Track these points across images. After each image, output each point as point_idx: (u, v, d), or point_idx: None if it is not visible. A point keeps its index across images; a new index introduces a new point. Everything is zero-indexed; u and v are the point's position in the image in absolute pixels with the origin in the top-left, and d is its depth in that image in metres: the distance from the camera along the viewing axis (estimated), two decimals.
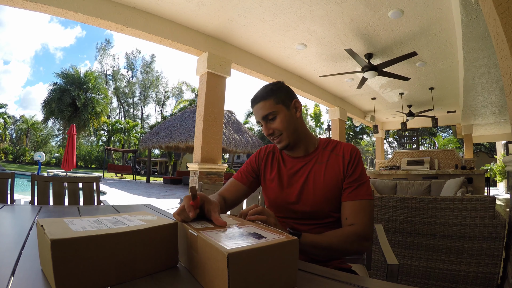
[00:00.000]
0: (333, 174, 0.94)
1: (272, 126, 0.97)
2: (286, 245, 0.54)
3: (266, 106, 0.96)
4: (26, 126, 29.60)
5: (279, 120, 0.96)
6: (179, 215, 0.68)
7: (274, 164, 1.06)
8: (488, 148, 20.62)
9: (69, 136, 9.13)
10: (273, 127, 0.97)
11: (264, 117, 0.97)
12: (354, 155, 0.96)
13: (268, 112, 0.96)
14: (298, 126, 1.00)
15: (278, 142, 0.99)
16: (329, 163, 0.97)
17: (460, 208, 1.69)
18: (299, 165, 1.00)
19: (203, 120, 4.21)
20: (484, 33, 2.90)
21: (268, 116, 0.96)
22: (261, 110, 0.97)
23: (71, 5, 3.07)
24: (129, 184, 13.20)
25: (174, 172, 21.77)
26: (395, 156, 9.00)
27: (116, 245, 0.54)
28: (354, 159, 0.95)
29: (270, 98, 0.96)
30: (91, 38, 75.94)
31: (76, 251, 0.49)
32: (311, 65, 5.31)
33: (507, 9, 1.16)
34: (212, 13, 3.67)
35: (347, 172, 0.94)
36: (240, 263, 0.47)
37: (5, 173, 2.01)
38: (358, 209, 0.89)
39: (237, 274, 0.47)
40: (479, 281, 1.60)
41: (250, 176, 1.09)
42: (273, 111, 0.95)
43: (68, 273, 0.47)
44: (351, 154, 0.96)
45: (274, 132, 0.97)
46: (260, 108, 0.97)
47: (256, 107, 0.99)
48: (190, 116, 11.78)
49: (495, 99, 5.72)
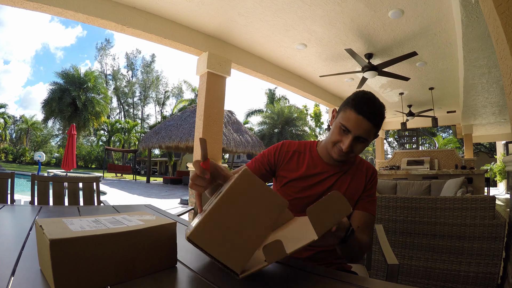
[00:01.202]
0: (356, 187, 1.01)
1: (354, 147, 0.93)
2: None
3: (370, 133, 0.91)
4: (26, 126, 29.58)
5: (362, 146, 0.94)
6: (195, 184, 0.67)
7: (301, 163, 1.04)
8: (488, 148, 20.61)
9: (69, 136, 9.13)
10: (354, 148, 0.94)
11: (358, 136, 0.90)
12: (374, 175, 1.05)
13: (365, 137, 0.91)
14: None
15: (345, 158, 0.96)
16: (355, 176, 1.02)
17: (460, 208, 1.69)
18: (330, 171, 1.01)
19: (203, 120, 4.21)
20: (484, 33, 2.90)
21: (361, 138, 0.91)
22: (364, 131, 0.90)
23: (71, 5, 3.07)
24: (129, 184, 13.20)
25: (174, 172, 21.77)
26: (395, 156, 9.00)
27: (115, 245, 0.54)
28: (374, 178, 1.04)
29: (377, 127, 0.92)
30: (92, 37, 75.80)
31: (75, 251, 0.49)
32: (311, 65, 5.31)
33: (507, 9, 1.16)
34: (212, 13, 3.67)
35: (365, 188, 1.02)
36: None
37: (5, 173, 2.01)
38: (368, 224, 0.98)
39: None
40: (479, 281, 1.60)
41: (263, 168, 1.05)
42: (367, 139, 0.93)
43: (67, 273, 0.47)
44: (372, 174, 1.05)
45: (351, 151, 0.94)
46: (365, 129, 0.89)
47: (363, 121, 0.88)
48: (190, 116, 11.77)
49: (495, 99, 5.72)
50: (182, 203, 6.65)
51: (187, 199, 6.43)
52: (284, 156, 1.05)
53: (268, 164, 1.05)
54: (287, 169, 1.03)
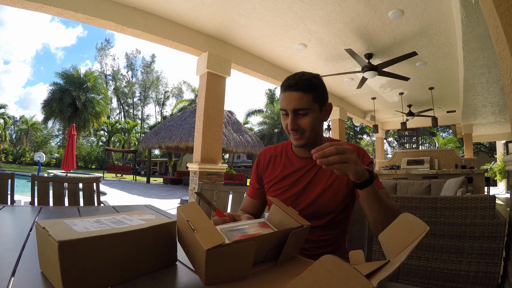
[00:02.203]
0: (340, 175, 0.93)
1: (300, 122, 0.89)
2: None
3: (303, 100, 0.86)
4: (26, 126, 29.57)
5: (309, 119, 0.88)
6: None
7: (277, 165, 1.03)
8: (488, 148, 20.61)
9: (69, 136, 9.13)
10: (300, 123, 0.89)
11: (295, 110, 0.87)
12: (361, 154, 0.94)
13: (302, 107, 0.87)
14: (321, 129, 0.96)
15: (298, 139, 0.92)
16: None
17: (460, 207, 1.69)
18: (308, 165, 0.97)
19: (203, 120, 4.21)
20: (484, 33, 2.90)
21: (299, 110, 0.87)
22: (295, 101, 0.87)
23: (71, 5, 3.08)
24: (129, 184, 13.19)
25: (174, 172, 21.76)
26: (395, 156, 9.00)
27: (121, 245, 0.54)
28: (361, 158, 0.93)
29: (310, 92, 0.87)
30: (93, 37, 76.11)
31: (83, 252, 0.48)
32: (311, 65, 5.31)
33: (507, 9, 1.16)
34: (212, 13, 3.67)
35: None
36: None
37: (5, 174, 2.01)
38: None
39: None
40: (479, 281, 1.60)
41: (257, 190, 1.08)
42: (308, 108, 0.87)
43: (75, 274, 0.47)
44: (358, 154, 0.93)
45: (298, 128, 0.90)
46: (295, 99, 0.87)
47: (290, 94, 0.87)
48: (190, 116, 11.77)
49: (495, 99, 5.72)
50: (182, 203, 6.66)
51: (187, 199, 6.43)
52: (263, 165, 1.06)
53: (258, 183, 1.08)
54: (267, 175, 1.04)
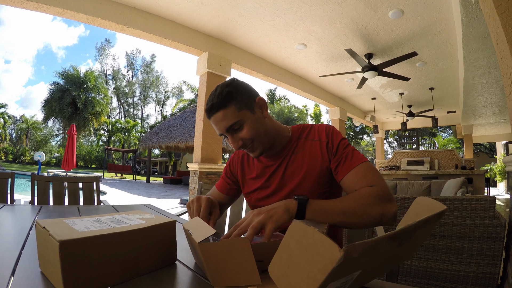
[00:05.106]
0: (313, 161, 0.87)
1: (240, 136, 0.83)
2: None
3: (228, 116, 0.79)
4: (26, 125, 29.57)
5: (247, 128, 0.82)
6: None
7: (251, 164, 1.01)
8: (488, 148, 20.60)
9: (69, 136, 9.13)
10: (241, 137, 0.83)
11: (227, 129, 0.81)
12: (330, 134, 0.88)
13: (232, 122, 0.80)
14: (268, 127, 0.87)
15: (251, 151, 0.87)
16: (306, 151, 0.89)
17: (460, 208, 1.69)
18: (277, 161, 0.93)
19: (203, 120, 4.21)
20: (484, 33, 2.90)
21: (232, 126, 0.81)
22: (222, 122, 0.80)
23: (71, 5, 3.07)
24: (129, 184, 13.19)
25: (174, 172, 21.76)
26: (395, 156, 9.00)
27: (121, 244, 0.54)
28: (331, 137, 0.88)
29: (230, 104, 0.79)
30: (94, 37, 75.78)
31: (84, 251, 0.48)
32: (311, 65, 5.31)
33: (507, 9, 1.16)
34: (212, 13, 3.67)
35: (330, 153, 0.86)
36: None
37: (5, 173, 2.01)
38: (363, 173, 0.78)
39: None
40: (479, 281, 1.60)
41: (227, 184, 1.06)
42: (238, 120, 0.80)
43: (76, 274, 0.47)
44: (327, 134, 0.88)
45: (244, 143, 0.84)
46: (220, 120, 0.80)
47: (215, 118, 0.81)
48: (190, 116, 11.77)
49: (495, 99, 5.72)
50: (182, 203, 6.65)
51: (187, 199, 6.43)
52: (240, 166, 1.03)
53: (231, 179, 1.06)
54: (245, 174, 1.02)
